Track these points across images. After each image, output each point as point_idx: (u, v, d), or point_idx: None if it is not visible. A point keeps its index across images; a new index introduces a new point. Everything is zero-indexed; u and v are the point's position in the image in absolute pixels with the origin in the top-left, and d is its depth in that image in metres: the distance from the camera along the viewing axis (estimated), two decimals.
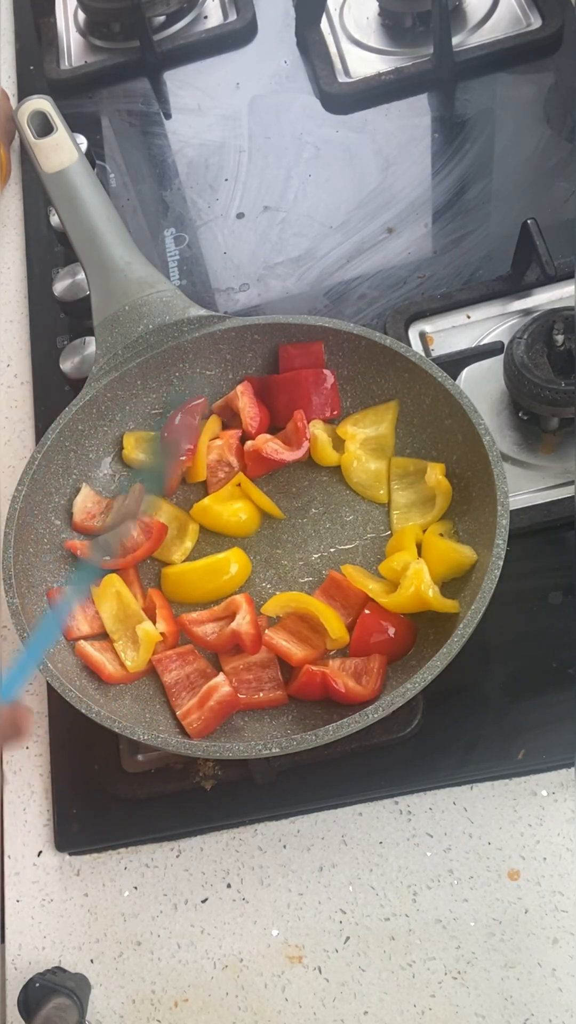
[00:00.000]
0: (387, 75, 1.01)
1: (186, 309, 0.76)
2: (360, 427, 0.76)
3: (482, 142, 0.95)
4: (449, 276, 0.88)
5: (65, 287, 0.89)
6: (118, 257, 0.76)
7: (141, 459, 0.77)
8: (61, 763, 0.74)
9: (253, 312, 0.90)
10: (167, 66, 1.11)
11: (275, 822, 0.69)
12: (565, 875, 0.63)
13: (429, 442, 0.74)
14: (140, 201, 1.02)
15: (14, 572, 0.68)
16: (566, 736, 0.65)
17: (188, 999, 0.65)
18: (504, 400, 0.77)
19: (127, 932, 0.68)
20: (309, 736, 0.60)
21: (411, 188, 0.94)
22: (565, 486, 0.73)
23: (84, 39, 1.16)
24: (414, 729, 0.67)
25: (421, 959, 0.63)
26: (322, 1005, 0.63)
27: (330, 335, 0.76)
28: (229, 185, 1.00)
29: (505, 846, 0.65)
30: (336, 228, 0.94)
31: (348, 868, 0.66)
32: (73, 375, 0.85)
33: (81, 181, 0.77)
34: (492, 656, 0.69)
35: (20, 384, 0.94)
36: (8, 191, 1.07)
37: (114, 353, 0.76)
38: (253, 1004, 0.64)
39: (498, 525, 0.64)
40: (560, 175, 0.90)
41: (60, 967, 0.67)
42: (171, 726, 0.67)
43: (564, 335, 0.72)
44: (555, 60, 0.98)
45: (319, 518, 0.75)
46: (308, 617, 0.69)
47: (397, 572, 0.68)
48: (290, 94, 1.05)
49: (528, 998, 0.61)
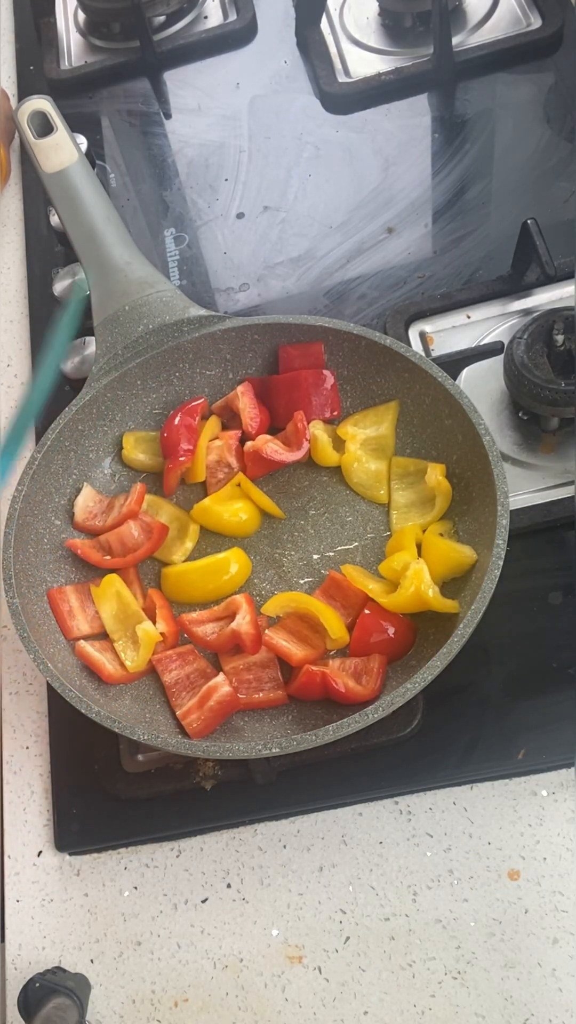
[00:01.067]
0: (387, 75, 1.01)
1: (186, 309, 0.76)
2: (360, 427, 0.76)
3: (482, 142, 0.95)
4: (449, 276, 0.88)
5: (65, 287, 0.89)
6: (118, 257, 0.76)
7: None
8: (61, 763, 0.74)
9: (253, 312, 0.90)
10: (167, 66, 1.11)
11: (275, 822, 0.69)
12: (565, 875, 0.63)
13: (429, 442, 0.74)
14: (140, 201, 1.02)
15: (14, 572, 0.68)
16: (566, 736, 0.65)
17: (188, 999, 0.65)
18: (504, 400, 0.77)
19: (127, 932, 0.68)
20: (309, 736, 0.60)
21: (411, 188, 0.94)
22: (565, 486, 0.73)
23: (84, 39, 1.16)
24: (414, 729, 0.67)
25: (421, 959, 0.63)
26: (322, 1005, 0.63)
27: (330, 335, 0.76)
28: (229, 185, 1.00)
29: (505, 846, 0.65)
30: (336, 228, 0.94)
31: (348, 868, 0.66)
32: (73, 375, 0.85)
33: (81, 181, 0.77)
34: (492, 656, 0.70)
35: (20, 384, 0.94)
36: (8, 191, 1.07)
37: (114, 353, 0.76)
38: (253, 1004, 0.64)
39: (498, 525, 0.64)
40: (560, 175, 0.90)
41: (60, 967, 0.67)
42: (171, 726, 0.67)
43: (564, 335, 0.72)
44: (555, 60, 0.98)
45: (319, 518, 0.75)
46: (308, 617, 0.69)
47: (397, 572, 0.68)
48: (290, 94, 1.05)
49: (528, 998, 0.61)
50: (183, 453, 0.75)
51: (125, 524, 0.73)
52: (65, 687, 0.64)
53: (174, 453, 0.75)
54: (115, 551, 0.73)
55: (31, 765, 0.75)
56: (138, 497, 0.74)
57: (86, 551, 0.73)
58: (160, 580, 0.74)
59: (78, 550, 0.74)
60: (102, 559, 0.73)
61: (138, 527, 0.73)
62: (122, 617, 0.71)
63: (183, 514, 0.76)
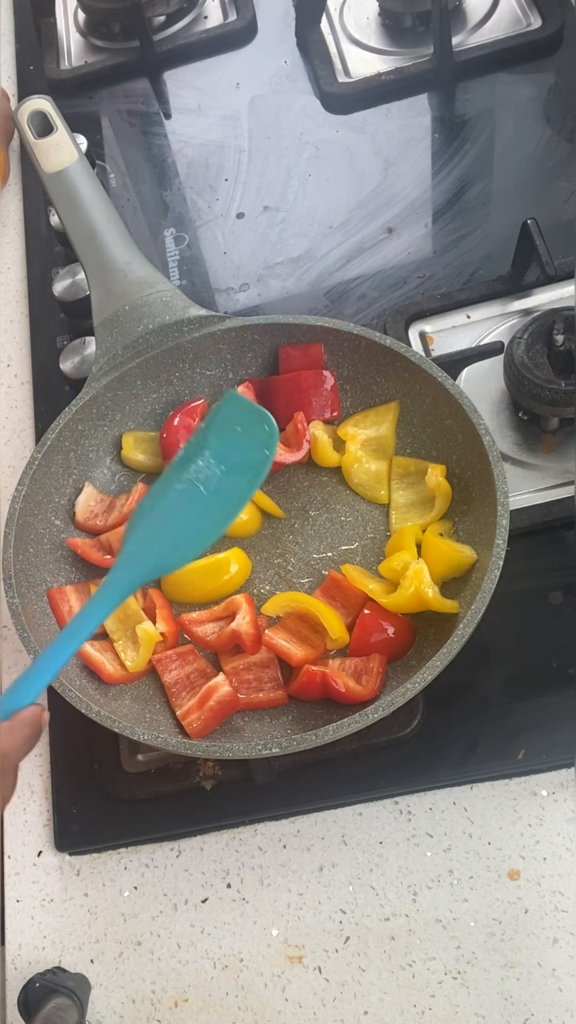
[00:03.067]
0: (387, 75, 1.01)
1: (186, 309, 0.76)
2: (361, 428, 0.76)
3: (482, 142, 0.95)
4: (449, 276, 0.88)
5: (65, 287, 0.90)
6: (118, 257, 0.76)
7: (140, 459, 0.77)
8: (61, 763, 0.74)
9: (253, 312, 0.90)
10: (167, 66, 1.11)
11: (275, 822, 0.69)
12: (565, 875, 0.63)
13: (429, 442, 0.74)
14: (140, 201, 1.02)
15: (14, 572, 0.68)
16: (566, 736, 0.65)
17: (188, 999, 0.65)
18: (504, 400, 0.77)
19: (127, 932, 0.68)
20: (309, 736, 0.60)
21: (411, 188, 0.94)
22: (565, 486, 0.73)
23: (84, 39, 1.16)
24: (414, 729, 0.67)
25: (421, 959, 0.63)
26: (322, 1005, 0.63)
27: (330, 335, 0.76)
28: (229, 185, 1.00)
29: (505, 846, 0.65)
30: (336, 228, 0.94)
31: (348, 868, 0.66)
32: (73, 375, 0.85)
33: (81, 181, 0.77)
34: (492, 656, 0.70)
35: (20, 384, 0.94)
36: (8, 191, 1.07)
37: (114, 353, 0.76)
38: (253, 1004, 0.64)
39: (498, 525, 0.64)
40: (560, 175, 0.90)
41: (60, 967, 0.67)
42: (171, 726, 0.67)
43: (564, 335, 0.72)
44: (555, 60, 0.98)
45: (319, 518, 0.75)
46: (308, 617, 0.69)
47: (397, 572, 0.68)
48: (290, 94, 1.05)
49: (528, 998, 0.61)
50: None
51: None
52: (65, 687, 0.64)
53: (173, 454, 0.75)
54: (115, 551, 0.73)
55: (31, 765, 0.75)
56: (139, 497, 0.74)
57: (86, 550, 0.73)
58: (160, 580, 0.74)
59: (78, 549, 0.74)
60: (102, 558, 0.73)
61: None
62: (122, 617, 0.71)
63: None
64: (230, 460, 0.62)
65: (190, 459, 0.63)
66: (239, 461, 0.62)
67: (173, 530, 0.62)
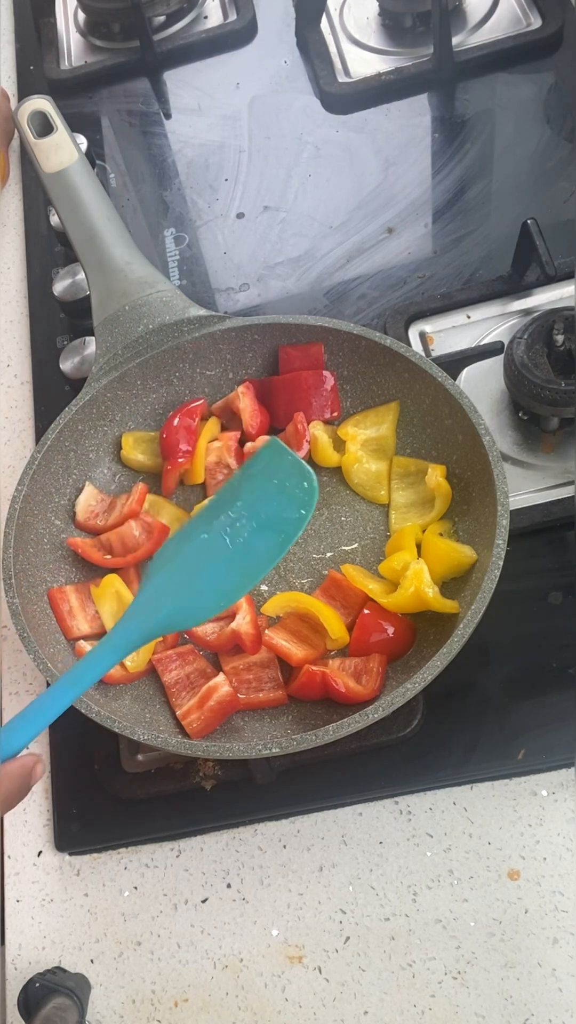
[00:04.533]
0: (387, 75, 1.01)
1: (186, 309, 0.76)
2: (361, 428, 0.76)
3: (482, 142, 0.95)
4: (449, 276, 0.88)
5: (65, 287, 0.90)
6: (118, 257, 0.76)
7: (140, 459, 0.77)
8: (61, 763, 0.74)
9: (253, 312, 0.90)
10: (167, 66, 1.11)
11: (275, 822, 0.69)
12: (565, 875, 0.63)
13: (429, 442, 0.74)
14: (140, 201, 1.02)
15: (14, 572, 0.68)
16: (566, 736, 0.65)
17: (188, 999, 0.65)
18: (504, 400, 0.77)
19: (127, 932, 0.68)
20: (309, 736, 0.60)
21: (411, 188, 0.94)
22: (565, 486, 0.73)
23: (84, 39, 1.16)
24: (414, 729, 0.67)
25: (421, 959, 0.63)
26: (322, 1005, 0.63)
27: (330, 335, 0.76)
28: (229, 185, 1.00)
29: (505, 846, 0.65)
30: (336, 228, 0.94)
31: (348, 868, 0.66)
32: (73, 375, 0.85)
33: (81, 181, 0.77)
34: (492, 656, 0.70)
35: (20, 384, 0.94)
36: (8, 191, 1.07)
37: (114, 353, 0.76)
38: (253, 1004, 0.64)
39: (498, 525, 0.64)
40: (560, 175, 0.90)
41: (60, 967, 0.67)
42: (171, 726, 0.67)
43: (564, 335, 0.72)
44: (555, 60, 0.98)
45: (319, 518, 0.75)
46: (308, 617, 0.69)
47: (397, 572, 0.68)
48: (290, 94, 1.05)
49: (528, 998, 0.61)
50: (182, 454, 0.75)
51: (126, 524, 0.73)
52: None
53: (173, 454, 0.75)
54: (116, 550, 0.73)
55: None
56: (139, 497, 0.74)
57: (86, 550, 0.73)
58: None
59: (78, 549, 0.74)
60: (102, 558, 0.73)
61: (139, 527, 0.73)
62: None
63: (184, 515, 0.76)
64: (262, 515, 0.57)
65: (220, 507, 0.58)
66: (272, 518, 0.57)
67: (193, 582, 0.58)
